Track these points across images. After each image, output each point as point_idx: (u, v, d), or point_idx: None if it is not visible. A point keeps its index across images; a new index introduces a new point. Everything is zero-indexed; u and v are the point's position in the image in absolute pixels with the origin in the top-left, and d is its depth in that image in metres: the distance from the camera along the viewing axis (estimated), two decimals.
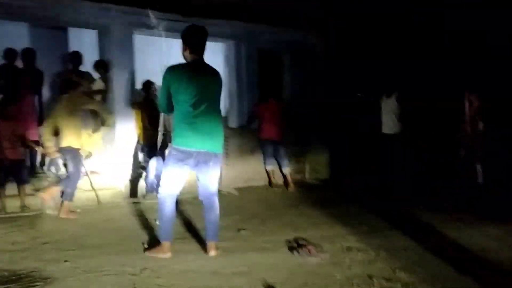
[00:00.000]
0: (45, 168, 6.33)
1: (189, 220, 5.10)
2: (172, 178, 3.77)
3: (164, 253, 3.78)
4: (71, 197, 5.39)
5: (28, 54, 6.27)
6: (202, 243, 4.12)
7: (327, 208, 5.87)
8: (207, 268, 3.54)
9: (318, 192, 7.24)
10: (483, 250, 4.05)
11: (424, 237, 4.49)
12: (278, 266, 3.63)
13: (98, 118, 6.61)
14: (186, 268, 3.55)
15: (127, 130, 6.80)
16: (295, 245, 4.13)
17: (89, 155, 6.34)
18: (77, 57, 6.60)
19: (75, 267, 3.56)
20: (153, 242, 4.09)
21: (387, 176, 6.78)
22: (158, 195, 3.85)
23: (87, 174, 6.23)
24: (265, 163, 7.60)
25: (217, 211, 3.89)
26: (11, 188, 5.65)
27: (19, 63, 6.25)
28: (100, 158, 6.66)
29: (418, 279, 3.33)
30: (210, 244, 3.87)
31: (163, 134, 6.71)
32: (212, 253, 3.84)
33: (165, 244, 3.81)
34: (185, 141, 3.69)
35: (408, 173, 6.57)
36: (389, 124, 6.74)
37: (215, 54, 8.83)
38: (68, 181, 5.42)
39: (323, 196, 6.88)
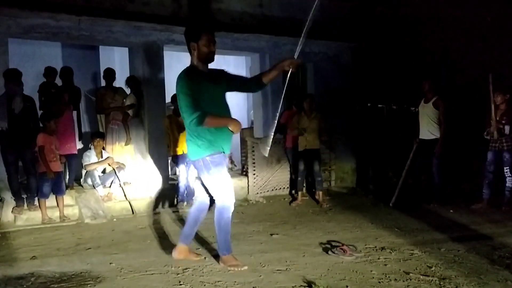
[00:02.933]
0: (81, 180, 6.60)
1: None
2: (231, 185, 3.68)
3: (242, 265, 3.62)
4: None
5: (67, 72, 6.61)
6: (238, 244, 4.25)
7: (357, 214, 5.95)
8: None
9: (346, 199, 7.31)
10: None
11: (457, 237, 4.54)
12: (315, 264, 3.73)
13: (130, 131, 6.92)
14: (226, 267, 3.68)
15: (157, 141, 7.04)
16: (329, 246, 4.24)
17: (122, 167, 6.61)
18: (110, 74, 6.91)
19: (121, 268, 3.74)
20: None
21: (417, 180, 6.79)
22: (223, 206, 3.59)
23: (121, 185, 6.49)
24: (291, 172, 7.70)
25: None
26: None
27: (58, 81, 6.58)
28: (133, 169, 6.92)
29: (455, 274, 3.39)
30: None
31: None
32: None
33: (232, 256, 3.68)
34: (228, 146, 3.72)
35: (439, 177, 6.56)
36: (428, 129, 6.58)
37: (239, 67, 9.11)
38: None
39: (351, 202, 6.95)
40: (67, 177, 6.46)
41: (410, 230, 4.96)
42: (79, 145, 6.92)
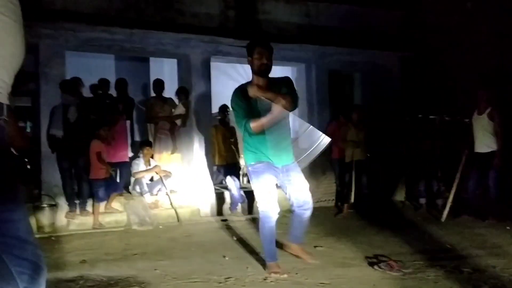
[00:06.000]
0: (130, 187, 6.81)
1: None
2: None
3: (282, 272, 3.71)
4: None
5: (121, 83, 6.92)
6: (282, 255, 4.19)
7: (406, 228, 5.74)
8: (289, 279, 3.61)
9: (394, 212, 7.07)
10: None
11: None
12: (361, 279, 3.61)
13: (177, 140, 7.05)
14: (269, 277, 3.65)
15: (204, 151, 7.14)
16: (375, 260, 4.10)
17: (169, 175, 6.75)
18: (160, 85, 7.12)
19: (165, 275, 3.80)
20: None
21: (473, 195, 6.46)
22: (263, 214, 3.78)
23: (167, 193, 6.63)
24: (336, 184, 7.55)
25: None
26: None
27: (113, 92, 6.88)
28: (179, 178, 7.05)
29: None
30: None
31: None
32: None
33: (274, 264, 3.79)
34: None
35: (496, 191, 6.20)
36: (483, 142, 6.26)
37: None
38: None
39: (400, 216, 6.71)
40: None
41: (463, 247, 4.70)
42: (130, 154, 7.15)
